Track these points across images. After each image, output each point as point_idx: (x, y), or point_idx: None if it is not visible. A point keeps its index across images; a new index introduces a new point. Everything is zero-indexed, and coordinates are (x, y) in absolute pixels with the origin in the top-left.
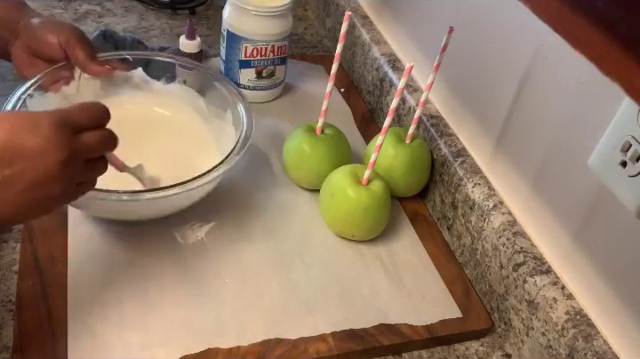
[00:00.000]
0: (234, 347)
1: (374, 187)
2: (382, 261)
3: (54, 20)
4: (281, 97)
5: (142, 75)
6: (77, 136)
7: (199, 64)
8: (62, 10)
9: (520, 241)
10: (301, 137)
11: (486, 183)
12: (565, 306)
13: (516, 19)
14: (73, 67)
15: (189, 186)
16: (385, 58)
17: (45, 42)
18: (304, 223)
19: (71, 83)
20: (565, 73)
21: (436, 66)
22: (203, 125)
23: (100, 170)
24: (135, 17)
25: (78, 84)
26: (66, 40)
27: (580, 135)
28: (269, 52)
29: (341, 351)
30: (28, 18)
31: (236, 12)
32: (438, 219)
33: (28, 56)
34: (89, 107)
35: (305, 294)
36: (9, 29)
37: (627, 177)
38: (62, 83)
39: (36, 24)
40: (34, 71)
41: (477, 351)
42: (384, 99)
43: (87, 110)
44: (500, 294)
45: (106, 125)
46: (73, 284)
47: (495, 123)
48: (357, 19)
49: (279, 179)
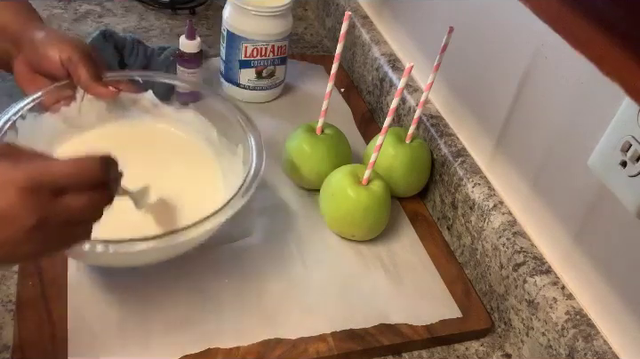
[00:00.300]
0: (234, 347)
1: (374, 187)
2: (382, 261)
3: (59, 35)
4: (281, 97)
5: (152, 97)
6: (56, 199)
7: (216, 91)
8: (62, 10)
9: (520, 241)
10: (301, 137)
11: (486, 183)
12: (565, 306)
13: (516, 19)
14: (75, 87)
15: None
16: (385, 58)
17: (47, 58)
18: (304, 223)
19: (72, 103)
20: (565, 73)
21: (436, 66)
22: (212, 157)
23: (80, 237)
24: (135, 17)
25: (80, 105)
26: (68, 57)
27: (580, 135)
28: (269, 52)
29: (341, 351)
30: (34, 30)
31: (236, 12)
32: (438, 219)
33: (30, 72)
34: (79, 164)
35: (305, 294)
36: (13, 42)
37: (627, 177)
38: (62, 104)
39: (39, 38)
40: (35, 88)
41: (477, 351)
42: (384, 99)
43: (75, 168)
44: (499, 294)
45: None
46: (73, 284)
47: (495, 123)
48: (357, 19)
49: (279, 179)
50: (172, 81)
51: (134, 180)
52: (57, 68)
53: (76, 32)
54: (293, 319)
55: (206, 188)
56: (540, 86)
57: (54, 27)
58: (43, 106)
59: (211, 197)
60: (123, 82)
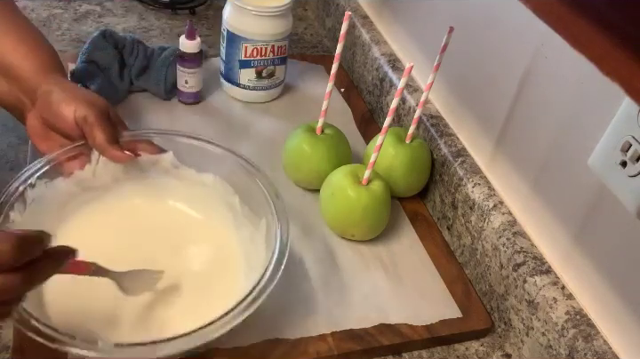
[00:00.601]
0: (234, 347)
1: (374, 187)
2: (382, 261)
3: (76, 92)
4: (281, 97)
5: (173, 159)
6: None
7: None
8: (62, 10)
9: (520, 241)
10: (301, 137)
11: (486, 183)
12: (565, 306)
13: (516, 19)
14: (90, 149)
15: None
16: (385, 58)
17: (61, 116)
18: (304, 223)
19: (87, 166)
20: (565, 73)
21: (436, 66)
22: (233, 231)
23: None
24: (135, 17)
25: (95, 168)
26: (84, 117)
27: (580, 135)
28: (269, 52)
29: (341, 351)
30: (51, 85)
31: (236, 12)
32: (438, 219)
33: (43, 128)
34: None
35: (305, 294)
36: (28, 94)
37: (627, 177)
38: (77, 167)
39: (53, 93)
40: (48, 145)
41: (477, 351)
42: (384, 99)
43: None
44: (500, 294)
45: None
46: None
47: (495, 123)
48: (357, 19)
49: (279, 179)
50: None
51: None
52: (71, 128)
53: (75, 32)
54: (293, 319)
55: (225, 276)
56: (540, 86)
57: (54, 27)
58: (55, 166)
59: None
60: (141, 142)
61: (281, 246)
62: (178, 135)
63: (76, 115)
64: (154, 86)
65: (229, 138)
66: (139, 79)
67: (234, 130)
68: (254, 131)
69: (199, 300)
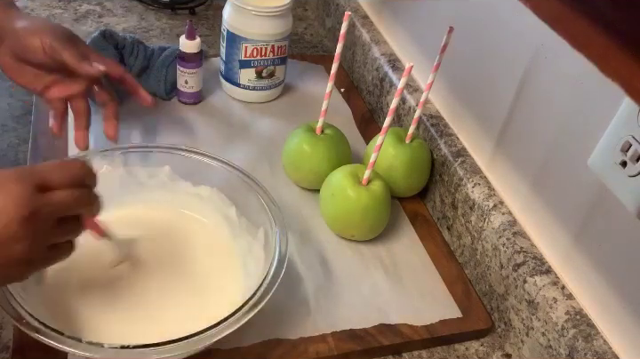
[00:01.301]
0: (234, 347)
1: (374, 187)
2: (382, 261)
3: (39, 23)
4: (281, 97)
5: (169, 172)
6: (44, 194)
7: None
8: (62, 10)
9: (520, 241)
10: (301, 137)
11: (486, 183)
12: (565, 306)
13: (516, 19)
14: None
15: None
16: (385, 58)
17: (30, 47)
18: (304, 223)
19: None
20: (565, 73)
21: (436, 66)
22: (230, 240)
23: (71, 231)
24: (135, 17)
25: None
26: (50, 44)
27: (580, 135)
28: (269, 52)
29: (341, 351)
30: (14, 20)
31: (236, 12)
32: (438, 219)
33: (16, 62)
34: (63, 166)
35: (305, 294)
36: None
37: (627, 177)
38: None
39: (19, 28)
40: (23, 78)
41: (477, 351)
42: (384, 99)
43: (60, 168)
44: (500, 294)
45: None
46: None
47: (495, 123)
48: (357, 19)
49: (279, 179)
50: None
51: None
52: (40, 56)
53: (76, 32)
54: (293, 319)
55: (225, 282)
56: (540, 86)
57: None
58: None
59: (230, 294)
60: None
61: (280, 256)
62: (174, 149)
63: (44, 44)
64: (154, 86)
65: (229, 138)
66: (139, 79)
67: (234, 130)
68: (254, 131)
69: (198, 305)
